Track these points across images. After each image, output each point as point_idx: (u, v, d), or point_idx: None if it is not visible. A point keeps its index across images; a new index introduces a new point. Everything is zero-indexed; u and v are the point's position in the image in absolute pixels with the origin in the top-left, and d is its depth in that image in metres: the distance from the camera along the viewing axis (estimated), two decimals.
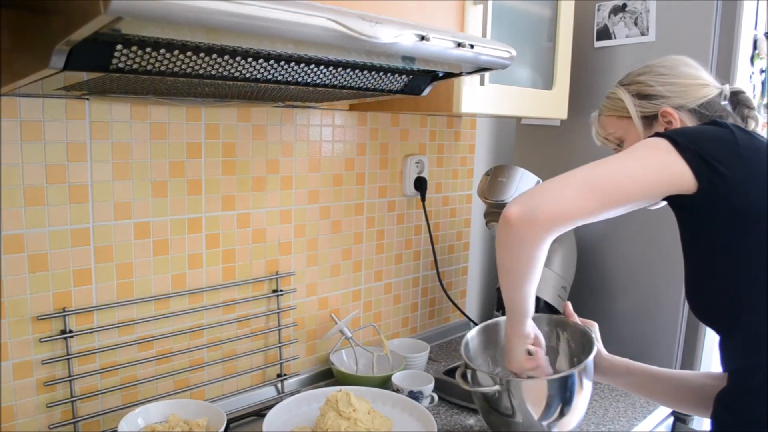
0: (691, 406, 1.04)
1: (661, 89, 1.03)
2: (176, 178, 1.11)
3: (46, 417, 1.00)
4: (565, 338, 1.16)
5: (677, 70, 1.04)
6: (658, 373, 1.07)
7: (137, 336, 1.10)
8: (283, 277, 1.31)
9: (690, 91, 1.01)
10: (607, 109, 1.12)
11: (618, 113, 1.09)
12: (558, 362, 1.16)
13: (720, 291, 0.87)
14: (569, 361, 1.15)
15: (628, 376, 1.08)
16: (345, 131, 1.39)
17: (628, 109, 1.06)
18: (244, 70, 0.76)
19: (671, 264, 1.44)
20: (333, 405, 1.05)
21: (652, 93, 1.04)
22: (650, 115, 1.04)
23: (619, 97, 1.08)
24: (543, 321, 1.16)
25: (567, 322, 1.14)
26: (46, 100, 0.95)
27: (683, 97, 1.01)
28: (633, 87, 1.07)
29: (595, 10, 1.52)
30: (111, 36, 0.61)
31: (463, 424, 1.21)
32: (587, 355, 1.03)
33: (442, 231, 1.68)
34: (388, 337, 1.56)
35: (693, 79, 1.02)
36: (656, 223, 1.46)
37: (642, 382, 1.08)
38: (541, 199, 0.82)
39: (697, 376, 1.05)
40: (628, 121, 1.07)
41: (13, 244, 0.94)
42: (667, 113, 1.01)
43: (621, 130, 1.09)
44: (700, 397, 1.01)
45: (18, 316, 0.96)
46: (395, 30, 0.73)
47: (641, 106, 1.05)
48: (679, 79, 1.02)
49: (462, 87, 1.14)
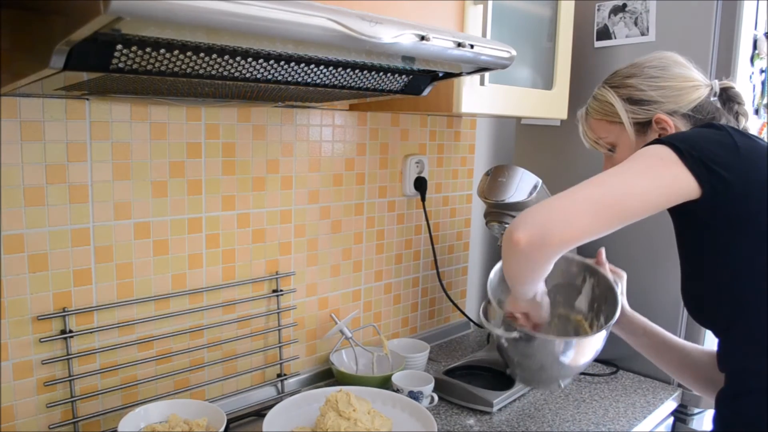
0: (691, 381, 1.08)
1: (654, 94, 0.99)
2: (176, 178, 1.11)
3: (46, 417, 1.00)
4: (591, 283, 1.17)
5: (669, 72, 1.00)
6: (670, 342, 1.10)
7: (137, 336, 1.10)
8: (283, 277, 1.31)
9: (683, 95, 0.98)
10: (596, 112, 1.07)
11: (608, 118, 1.04)
12: (578, 301, 1.18)
13: (718, 293, 0.87)
14: (588, 305, 1.17)
15: (643, 337, 1.11)
16: (345, 131, 1.39)
17: (620, 115, 1.02)
18: (244, 70, 0.76)
19: (671, 264, 1.44)
20: (333, 405, 1.05)
21: (644, 98, 0.99)
22: (643, 122, 1.00)
23: (608, 101, 1.03)
24: (573, 263, 1.18)
25: (597, 269, 1.15)
26: (46, 100, 0.95)
27: (677, 102, 0.98)
28: (623, 91, 1.02)
29: (595, 10, 1.52)
30: (111, 36, 0.61)
31: (463, 424, 1.21)
32: (608, 305, 1.05)
33: (442, 231, 1.68)
34: (388, 337, 1.56)
35: (685, 81, 0.99)
36: (656, 223, 1.45)
37: (653, 346, 1.11)
38: (551, 223, 0.80)
39: (699, 353, 1.07)
40: (620, 126, 1.03)
41: (13, 244, 0.94)
42: (662, 120, 0.98)
43: (612, 135, 1.05)
44: (697, 374, 1.05)
45: (18, 316, 0.96)
46: (395, 30, 0.73)
47: (633, 112, 1.01)
48: (672, 82, 0.99)
49: (462, 87, 1.14)
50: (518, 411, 1.27)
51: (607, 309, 1.08)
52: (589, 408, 1.30)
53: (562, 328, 1.19)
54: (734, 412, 0.86)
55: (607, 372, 1.50)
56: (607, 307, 1.07)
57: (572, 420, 1.24)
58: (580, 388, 1.40)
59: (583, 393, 1.38)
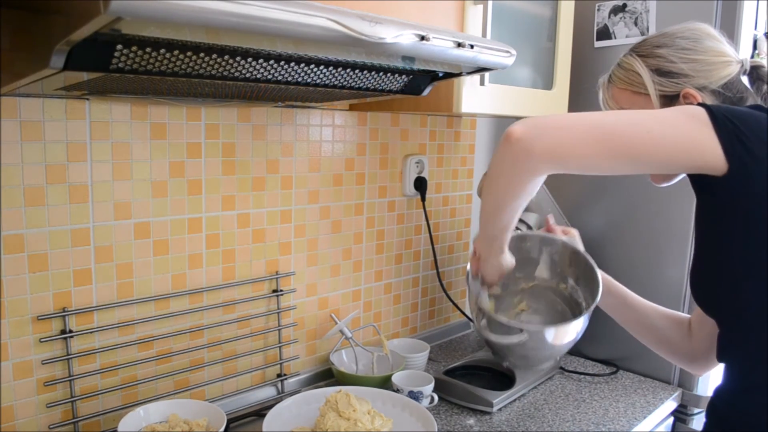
0: (649, 341, 1.12)
1: (684, 67, 0.93)
2: (176, 178, 1.11)
3: (46, 417, 1.00)
4: (548, 252, 1.17)
5: (701, 44, 0.93)
6: (630, 301, 1.12)
7: (137, 336, 1.10)
8: (283, 277, 1.31)
9: (714, 70, 0.92)
10: (620, 80, 1.00)
11: (633, 88, 0.98)
12: (538, 271, 1.18)
13: (730, 281, 0.83)
14: (550, 271, 1.17)
15: (607, 296, 1.11)
16: (345, 131, 1.39)
17: (647, 86, 0.95)
18: (244, 70, 0.76)
19: (671, 263, 1.44)
20: (333, 406, 1.05)
21: (674, 71, 0.93)
22: (671, 95, 0.94)
23: (635, 71, 0.97)
24: (526, 239, 1.17)
25: (551, 237, 1.15)
26: (46, 100, 0.95)
27: (707, 77, 0.92)
28: (652, 61, 0.96)
29: (595, 10, 1.52)
30: (111, 36, 0.61)
31: (463, 424, 1.21)
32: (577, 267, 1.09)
33: (442, 231, 1.68)
34: (388, 337, 1.56)
35: (717, 56, 0.93)
36: (657, 222, 1.46)
37: (615, 306, 1.13)
38: (546, 128, 0.77)
39: (659, 315, 1.10)
40: (645, 98, 0.97)
41: (13, 244, 0.94)
42: (690, 95, 0.92)
43: (636, 107, 0.98)
44: (656, 336, 1.10)
45: (18, 316, 0.96)
46: (395, 30, 0.73)
47: (660, 84, 0.95)
48: (704, 56, 0.93)
49: (462, 87, 1.14)
50: (518, 411, 1.27)
51: (577, 271, 1.08)
52: (589, 408, 1.30)
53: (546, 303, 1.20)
54: (731, 406, 0.84)
55: (607, 372, 1.50)
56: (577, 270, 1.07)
57: (572, 420, 1.24)
58: (580, 388, 1.40)
59: (583, 393, 1.38)
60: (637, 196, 1.49)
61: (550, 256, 1.16)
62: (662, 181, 1.00)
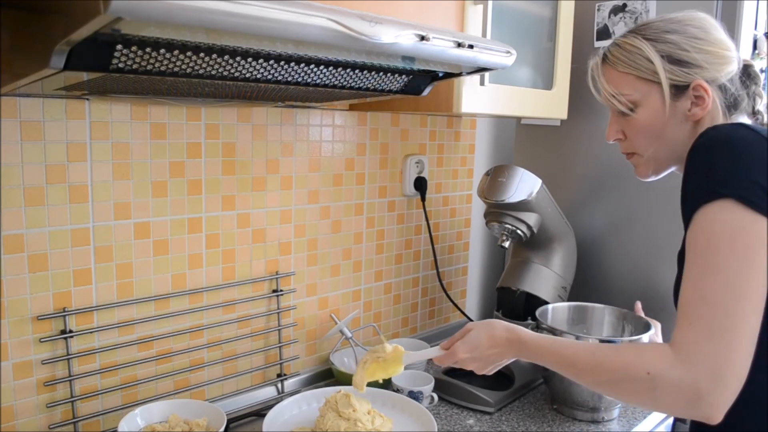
0: None
1: (698, 57, 0.86)
2: (176, 178, 1.11)
3: (46, 417, 1.00)
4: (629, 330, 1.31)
5: (711, 35, 0.88)
6: None
7: (137, 336, 1.10)
8: (283, 277, 1.31)
9: (723, 63, 0.87)
10: (623, 63, 0.91)
11: (638, 73, 0.90)
12: None
13: None
14: None
15: None
16: (345, 131, 1.39)
17: (658, 74, 0.88)
18: (244, 70, 0.76)
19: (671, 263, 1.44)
20: (332, 406, 1.05)
21: (688, 60, 0.87)
22: (680, 85, 0.88)
23: (645, 55, 0.89)
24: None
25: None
26: (46, 100, 0.95)
27: (718, 70, 0.87)
28: (662, 46, 0.88)
29: (595, 10, 1.52)
30: (111, 36, 0.61)
31: (463, 424, 1.21)
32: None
33: (442, 231, 1.68)
34: (388, 337, 1.56)
35: (725, 50, 0.88)
36: (656, 222, 1.46)
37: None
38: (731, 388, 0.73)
39: None
40: (650, 85, 0.89)
41: (13, 244, 0.94)
42: (701, 87, 0.86)
43: (638, 93, 0.90)
44: None
45: (18, 316, 0.96)
46: (395, 30, 0.73)
47: (672, 72, 0.87)
48: (714, 48, 0.87)
49: (462, 87, 1.14)
50: (518, 411, 1.27)
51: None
52: None
53: None
54: (728, 425, 0.76)
55: None
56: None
57: (572, 420, 1.24)
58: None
59: None
60: (637, 197, 1.49)
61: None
62: (649, 176, 0.98)
